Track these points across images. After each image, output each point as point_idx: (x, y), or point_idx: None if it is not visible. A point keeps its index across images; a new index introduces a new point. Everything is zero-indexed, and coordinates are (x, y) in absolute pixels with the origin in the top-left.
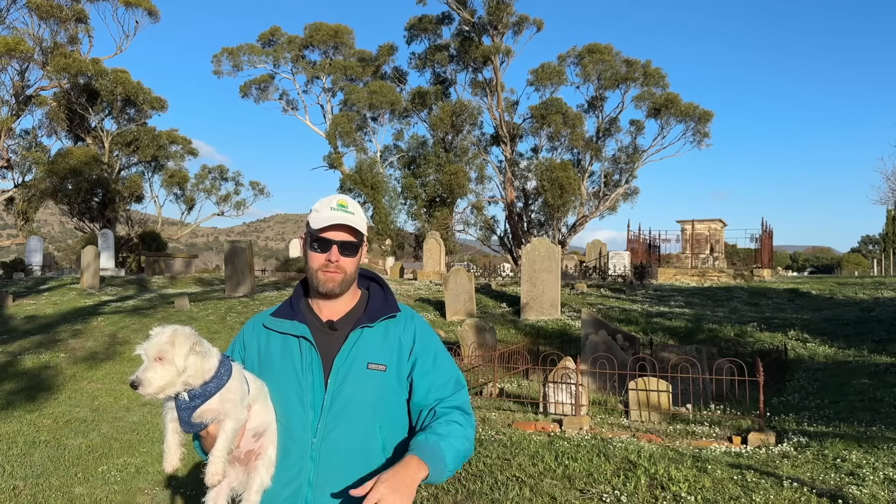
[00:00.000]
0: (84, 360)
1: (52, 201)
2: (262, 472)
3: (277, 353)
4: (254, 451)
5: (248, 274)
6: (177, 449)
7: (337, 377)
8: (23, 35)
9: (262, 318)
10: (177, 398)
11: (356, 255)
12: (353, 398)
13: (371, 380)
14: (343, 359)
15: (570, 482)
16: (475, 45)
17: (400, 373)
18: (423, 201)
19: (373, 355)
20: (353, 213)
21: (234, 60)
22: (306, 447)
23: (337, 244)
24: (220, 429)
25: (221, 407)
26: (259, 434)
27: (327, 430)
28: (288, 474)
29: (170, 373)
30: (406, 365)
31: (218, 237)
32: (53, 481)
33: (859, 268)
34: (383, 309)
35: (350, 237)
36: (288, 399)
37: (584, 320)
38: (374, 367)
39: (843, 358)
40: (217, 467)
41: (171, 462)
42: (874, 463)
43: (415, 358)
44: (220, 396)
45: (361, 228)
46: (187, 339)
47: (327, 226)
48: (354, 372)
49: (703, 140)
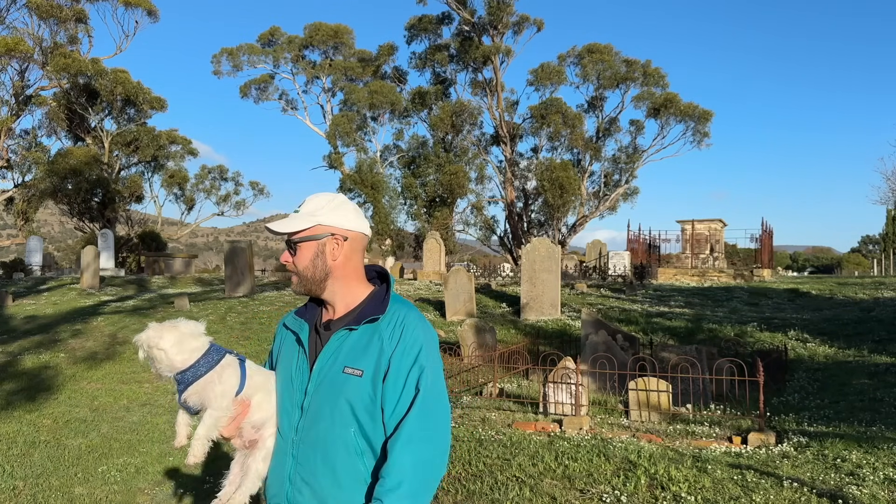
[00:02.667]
0: (84, 360)
1: (52, 201)
2: (259, 461)
3: (286, 352)
4: (256, 441)
5: (247, 274)
6: (184, 427)
7: (315, 379)
8: (23, 35)
9: (288, 316)
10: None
11: (298, 252)
12: (327, 401)
13: (346, 384)
14: (323, 361)
15: (570, 482)
16: (475, 45)
17: (376, 378)
18: (423, 201)
19: (351, 359)
20: (298, 211)
21: (234, 61)
22: (289, 445)
23: (287, 245)
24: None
25: (202, 395)
26: (259, 426)
27: (305, 431)
28: (277, 469)
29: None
30: (382, 371)
31: (218, 237)
32: (53, 481)
33: (859, 268)
34: (371, 311)
35: (291, 235)
36: (282, 397)
37: (584, 320)
38: (350, 371)
39: (844, 358)
40: (195, 450)
41: (179, 439)
42: (874, 463)
43: (387, 366)
44: (200, 386)
45: (296, 225)
46: (174, 328)
47: (278, 231)
48: (331, 375)
49: (702, 140)
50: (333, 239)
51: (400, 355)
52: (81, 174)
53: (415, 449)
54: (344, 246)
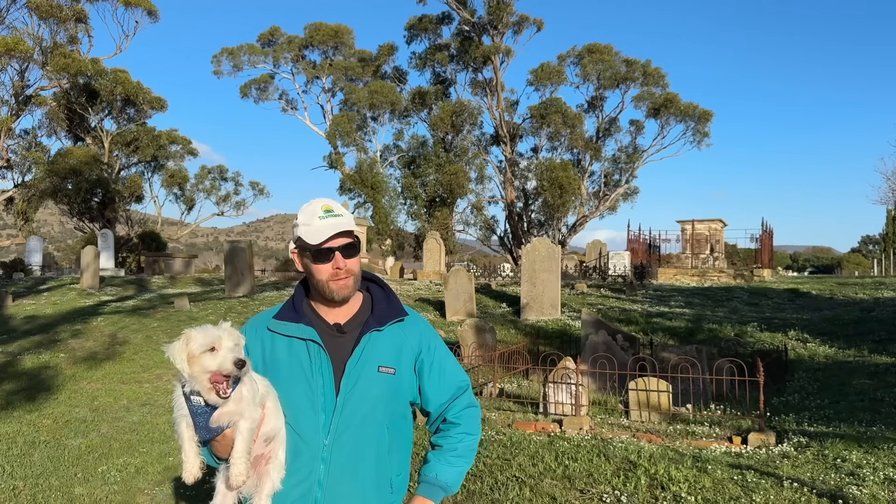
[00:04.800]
0: (84, 360)
1: (51, 201)
2: (274, 476)
3: (284, 357)
4: (264, 456)
5: (247, 274)
6: (195, 458)
7: (349, 380)
8: (23, 35)
9: (264, 320)
10: (190, 404)
11: (357, 253)
12: (365, 401)
13: (381, 383)
14: (355, 362)
15: (570, 482)
16: (475, 44)
17: (407, 376)
18: (423, 201)
19: (383, 359)
20: (342, 215)
21: (234, 61)
22: (318, 449)
23: (339, 250)
24: (236, 430)
25: (237, 408)
26: (270, 439)
27: (339, 432)
28: (298, 475)
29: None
30: (412, 369)
31: (218, 237)
32: (53, 481)
33: (859, 268)
34: (391, 313)
35: (348, 239)
36: (297, 402)
37: (584, 320)
38: (384, 370)
39: (844, 358)
40: (241, 467)
41: (191, 472)
42: (874, 463)
43: (420, 365)
44: (235, 397)
45: (353, 227)
46: (231, 336)
47: (328, 237)
48: (366, 375)
49: (702, 140)
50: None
51: (428, 350)
52: (81, 174)
53: (474, 412)
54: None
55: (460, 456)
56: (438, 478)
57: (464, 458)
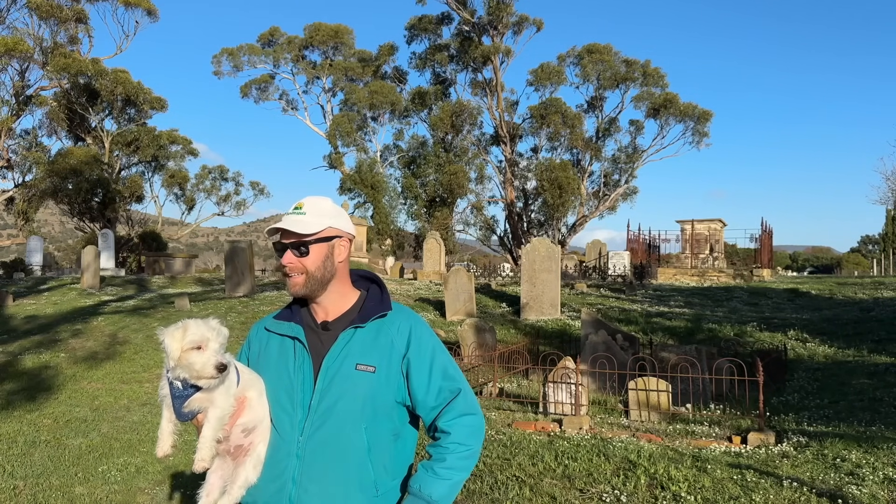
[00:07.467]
0: (84, 360)
1: (52, 201)
2: (249, 469)
3: (274, 354)
4: (243, 447)
5: (248, 274)
6: (169, 436)
7: (325, 377)
8: (23, 35)
9: (266, 320)
10: (172, 387)
11: (310, 253)
12: (341, 398)
13: (359, 380)
14: (332, 359)
15: (569, 482)
16: (475, 45)
17: (390, 375)
18: (423, 201)
19: (362, 356)
20: (304, 213)
21: (234, 61)
22: (293, 445)
23: (289, 247)
24: (205, 417)
25: (208, 396)
26: (249, 430)
27: (314, 429)
28: (274, 471)
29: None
30: (398, 368)
31: (218, 237)
32: (53, 481)
33: (859, 268)
34: (376, 309)
35: (300, 238)
36: (278, 398)
37: (584, 320)
38: (362, 367)
39: (843, 358)
40: (203, 453)
41: (162, 448)
42: (874, 463)
43: (407, 365)
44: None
45: (311, 227)
46: (218, 336)
47: (275, 230)
48: (343, 372)
49: (702, 140)
50: (340, 241)
51: (416, 348)
52: (82, 174)
53: (469, 421)
54: (349, 248)
55: (450, 468)
56: (422, 490)
57: (454, 471)
